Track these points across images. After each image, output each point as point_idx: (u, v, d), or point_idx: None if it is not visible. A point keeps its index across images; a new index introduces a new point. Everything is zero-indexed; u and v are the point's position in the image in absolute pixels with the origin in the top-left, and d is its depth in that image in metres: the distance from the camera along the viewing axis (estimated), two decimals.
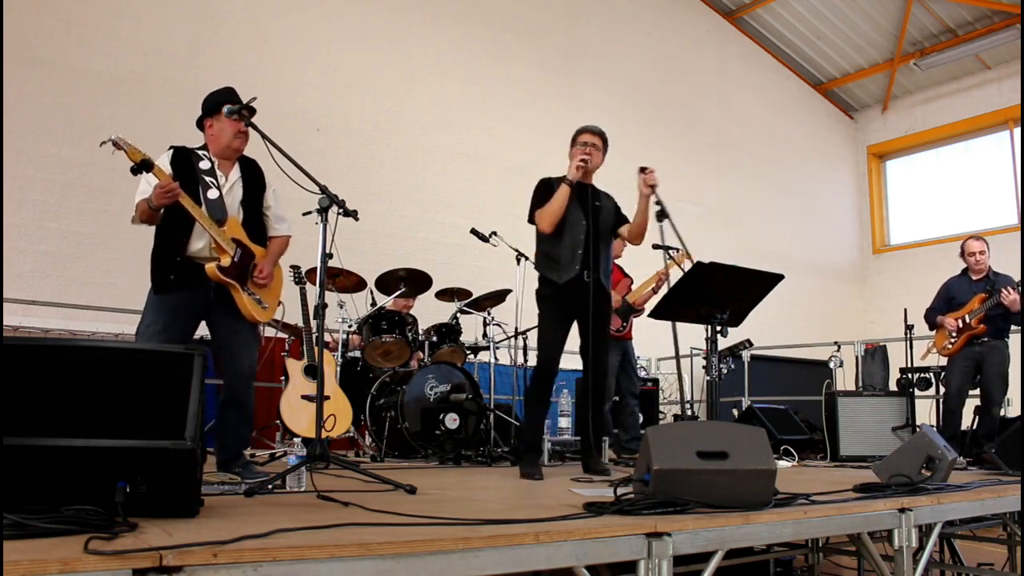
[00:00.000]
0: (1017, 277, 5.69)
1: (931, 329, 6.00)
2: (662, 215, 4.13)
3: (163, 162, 3.31)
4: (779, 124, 12.24)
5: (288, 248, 3.70)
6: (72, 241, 6.69)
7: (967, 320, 5.73)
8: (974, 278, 5.89)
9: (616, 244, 6.04)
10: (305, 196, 3.33)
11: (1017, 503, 3.39)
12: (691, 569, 2.48)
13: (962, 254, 5.98)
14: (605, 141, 4.23)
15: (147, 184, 3.25)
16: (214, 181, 3.37)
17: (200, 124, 3.50)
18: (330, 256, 3.25)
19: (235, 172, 3.47)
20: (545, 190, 4.12)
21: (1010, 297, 5.53)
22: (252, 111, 3.38)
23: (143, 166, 3.12)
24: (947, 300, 5.93)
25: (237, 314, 3.35)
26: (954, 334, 5.77)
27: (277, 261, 3.58)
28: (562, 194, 4.01)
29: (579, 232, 4.06)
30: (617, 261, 6.13)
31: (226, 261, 3.29)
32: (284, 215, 3.64)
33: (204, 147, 3.47)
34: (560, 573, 1.93)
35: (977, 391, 5.83)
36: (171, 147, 3.41)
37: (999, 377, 5.68)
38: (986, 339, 5.68)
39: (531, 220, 4.16)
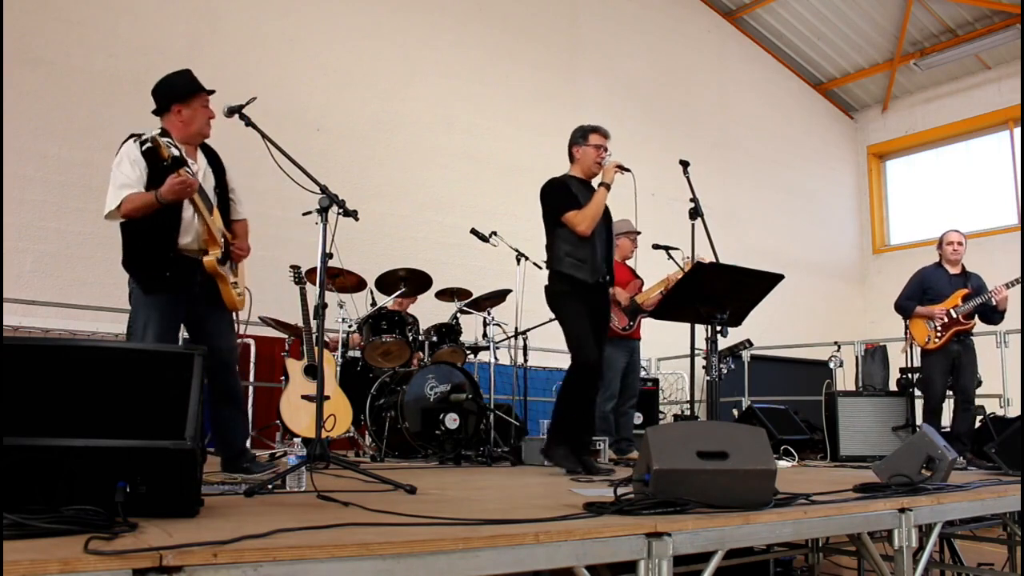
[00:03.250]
0: (1004, 277, 5.70)
1: (905, 318, 5.85)
2: (694, 213, 4.22)
3: (131, 152, 3.15)
4: (779, 124, 12.24)
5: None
6: (72, 241, 6.69)
7: (953, 315, 5.66)
8: (951, 271, 5.87)
9: (626, 244, 6.08)
10: (305, 196, 3.33)
11: (1017, 503, 3.39)
12: (691, 569, 2.47)
13: (940, 245, 5.97)
14: None
15: (123, 176, 3.13)
16: (188, 169, 3.19)
17: (159, 111, 3.34)
18: (330, 256, 3.24)
19: (201, 158, 3.40)
20: (564, 189, 4.17)
21: (1002, 294, 5.56)
22: (211, 92, 3.39)
23: (176, 163, 3.02)
24: (922, 291, 5.84)
25: (221, 305, 3.32)
26: (939, 327, 5.68)
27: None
28: (601, 198, 4.13)
29: (602, 233, 4.19)
30: (628, 262, 6.14)
31: (217, 253, 3.24)
32: (242, 196, 3.60)
33: (163, 133, 3.14)
34: (560, 573, 1.93)
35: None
36: (132, 135, 3.15)
37: (974, 375, 5.71)
38: (963, 337, 5.66)
39: (556, 221, 4.14)
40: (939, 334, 5.66)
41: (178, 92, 3.31)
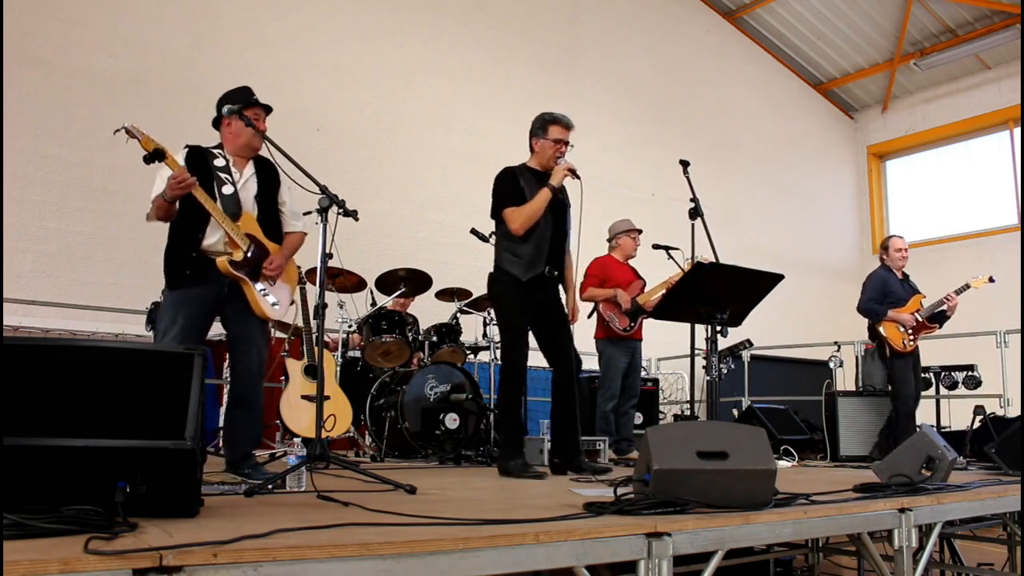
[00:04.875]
0: (1005, 277, 5.85)
1: (875, 321, 5.84)
2: (694, 213, 4.18)
3: (178, 160, 3.33)
4: (779, 124, 12.24)
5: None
6: (72, 241, 6.69)
7: (920, 318, 5.78)
8: (899, 276, 5.98)
9: (627, 243, 6.07)
10: (305, 196, 3.34)
11: (1017, 503, 3.39)
12: (691, 569, 2.47)
13: (886, 250, 6.04)
14: None
15: (161, 180, 3.26)
16: (228, 177, 3.38)
17: (216, 123, 3.50)
18: (330, 256, 3.26)
19: (249, 168, 3.48)
20: (511, 182, 4.03)
21: (954, 301, 5.75)
22: (268, 109, 3.47)
23: (156, 155, 3.14)
24: (884, 295, 5.87)
25: (248, 310, 3.36)
26: (910, 331, 5.76)
27: (290, 257, 3.57)
28: (542, 199, 3.94)
29: (545, 229, 4.01)
30: (631, 262, 6.13)
31: (238, 256, 3.30)
32: (299, 212, 3.64)
33: (219, 146, 3.48)
34: (560, 573, 1.93)
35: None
36: (186, 146, 3.40)
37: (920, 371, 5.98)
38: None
39: (497, 215, 4.05)
40: (912, 338, 5.78)
41: (229, 105, 3.42)
